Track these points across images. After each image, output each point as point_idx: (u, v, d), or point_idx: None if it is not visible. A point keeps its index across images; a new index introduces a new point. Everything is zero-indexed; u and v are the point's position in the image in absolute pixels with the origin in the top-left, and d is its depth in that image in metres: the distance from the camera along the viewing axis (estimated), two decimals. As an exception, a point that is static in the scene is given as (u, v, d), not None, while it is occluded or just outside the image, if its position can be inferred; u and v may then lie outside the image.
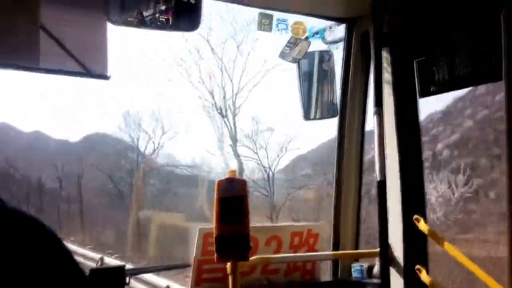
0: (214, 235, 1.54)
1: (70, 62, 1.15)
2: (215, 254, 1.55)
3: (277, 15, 1.97)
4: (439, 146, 10.28)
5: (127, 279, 1.61)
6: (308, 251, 2.15)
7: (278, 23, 1.99)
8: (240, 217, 1.52)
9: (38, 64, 1.10)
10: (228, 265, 1.59)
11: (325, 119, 2.46)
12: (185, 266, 2.09)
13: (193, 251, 1.96)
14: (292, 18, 2.05)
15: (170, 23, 1.70)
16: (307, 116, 2.36)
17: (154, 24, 1.71)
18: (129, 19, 1.65)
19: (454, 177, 9.28)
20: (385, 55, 2.03)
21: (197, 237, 1.93)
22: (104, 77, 1.27)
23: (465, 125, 10.56)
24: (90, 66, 1.20)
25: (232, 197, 1.51)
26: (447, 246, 1.84)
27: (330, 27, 2.21)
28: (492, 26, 1.60)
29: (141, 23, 1.68)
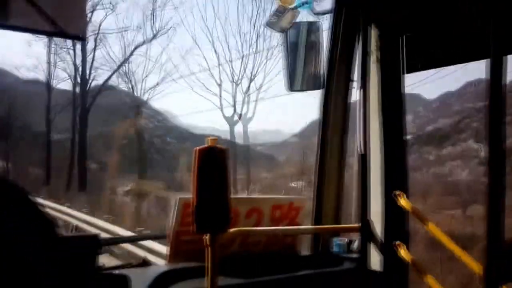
0: (192, 206, 1.55)
1: (43, 21, 1.12)
2: (193, 225, 1.56)
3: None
4: None
5: (101, 248, 1.61)
6: (289, 224, 2.19)
7: (266, -10, 1.96)
8: (221, 187, 1.53)
9: (7, 21, 1.07)
10: (207, 237, 1.61)
11: (310, 91, 2.48)
12: (162, 237, 2.11)
13: (171, 221, 1.94)
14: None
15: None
16: (292, 87, 2.37)
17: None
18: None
19: None
20: (372, 29, 2.04)
21: (176, 206, 1.91)
22: (80, 38, 1.25)
23: None
24: (66, 25, 1.17)
25: (212, 166, 1.52)
26: (427, 223, 1.91)
27: (319, -3, 2.20)
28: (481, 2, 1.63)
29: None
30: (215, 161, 1.51)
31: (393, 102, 2.08)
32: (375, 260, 2.10)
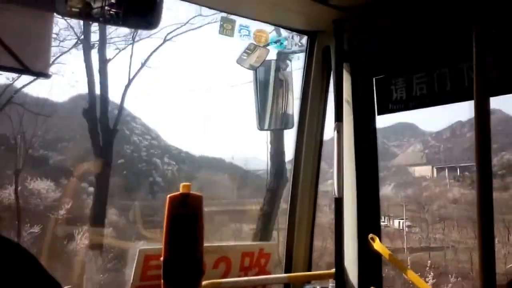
0: (162, 258, 1.47)
1: (6, 56, 1.05)
2: (162, 281, 1.48)
3: (239, 20, 1.98)
4: None
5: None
6: (259, 272, 2.14)
7: (241, 28, 2.00)
8: (194, 238, 1.47)
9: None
10: (176, 292, 1.52)
11: (280, 130, 2.51)
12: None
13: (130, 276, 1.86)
14: (254, 25, 2.08)
15: (121, 18, 1.63)
16: (261, 126, 2.38)
17: (103, 18, 1.63)
18: (73, 9, 1.55)
19: None
20: (346, 71, 2.11)
21: (136, 259, 1.82)
22: (44, 75, 1.18)
23: None
24: (30, 62, 1.11)
25: (186, 215, 1.46)
26: (403, 267, 1.92)
27: (292, 37, 2.27)
28: (455, 47, 1.75)
29: (88, 15, 1.60)
30: (189, 210, 1.46)
31: (367, 143, 2.13)
32: None
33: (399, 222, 15.08)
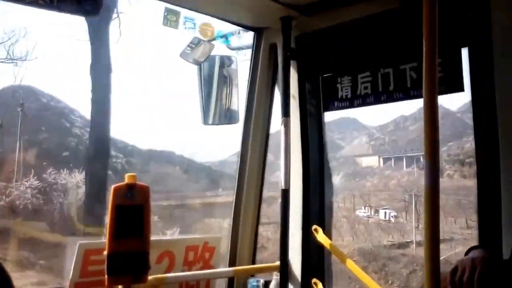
0: (106, 252, 1.42)
1: None
2: (106, 276, 1.42)
3: (184, 12, 1.95)
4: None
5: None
6: (204, 266, 2.13)
7: (186, 21, 1.97)
8: (139, 230, 1.43)
9: None
10: (120, 288, 1.47)
11: (225, 125, 2.51)
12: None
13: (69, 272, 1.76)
14: (200, 18, 2.06)
15: (56, 3, 1.55)
16: (206, 121, 2.36)
17: (35, 2, 1.53)
18: (3, -8, 1.45)
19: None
20: (292, 68, 2.16)
21: (75, 254, 1.74)
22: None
23: None
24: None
25: (131, 206, 1.42)
26: (344, 258, 1.98)
27: (239, 33, 2.28)
28: (399, 48, 1.85)
29: (17, -3, 1.49)
30: (135, 200, 1.42)
31: (314, 138, 2.20)
32: None
33: (385, 212, 14.11)
